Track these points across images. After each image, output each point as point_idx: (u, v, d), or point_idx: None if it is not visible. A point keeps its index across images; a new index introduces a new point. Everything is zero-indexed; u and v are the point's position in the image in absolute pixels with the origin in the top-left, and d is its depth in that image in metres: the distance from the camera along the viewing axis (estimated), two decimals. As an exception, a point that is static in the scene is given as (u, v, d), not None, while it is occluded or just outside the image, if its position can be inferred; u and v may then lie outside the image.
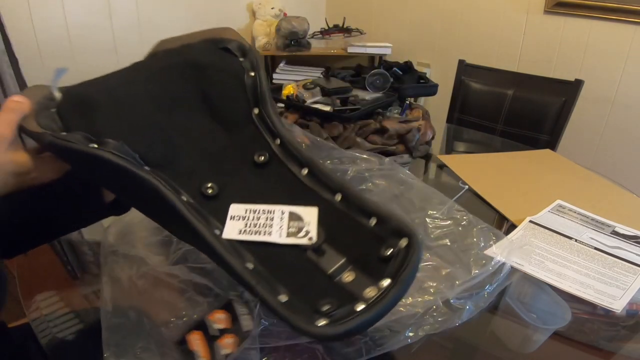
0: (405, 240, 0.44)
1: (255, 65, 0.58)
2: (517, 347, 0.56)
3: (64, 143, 0.43)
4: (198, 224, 0.44)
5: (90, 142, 0.44)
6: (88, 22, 1.81)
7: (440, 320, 0.53)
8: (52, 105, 0.49)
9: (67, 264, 0.73)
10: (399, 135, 1.00)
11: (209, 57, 0.58)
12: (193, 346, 0.46)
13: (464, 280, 0.58)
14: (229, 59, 0.59)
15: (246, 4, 2.30)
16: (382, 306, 0.40)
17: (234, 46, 0.59)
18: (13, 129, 0.44)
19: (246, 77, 0.57)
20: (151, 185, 0.43)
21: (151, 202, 0.47)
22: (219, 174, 0.53)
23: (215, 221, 0.49)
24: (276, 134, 0.55)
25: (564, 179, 0.97)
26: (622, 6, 1.54)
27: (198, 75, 0.56)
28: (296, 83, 1.08)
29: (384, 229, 0.46)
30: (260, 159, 0.54)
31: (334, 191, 0.51)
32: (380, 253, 0.44)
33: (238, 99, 0.56)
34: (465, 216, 0.70)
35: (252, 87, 0.57)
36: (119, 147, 0.44)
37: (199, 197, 0.50)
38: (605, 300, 0.59)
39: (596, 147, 1.77)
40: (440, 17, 2.11)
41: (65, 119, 0.48)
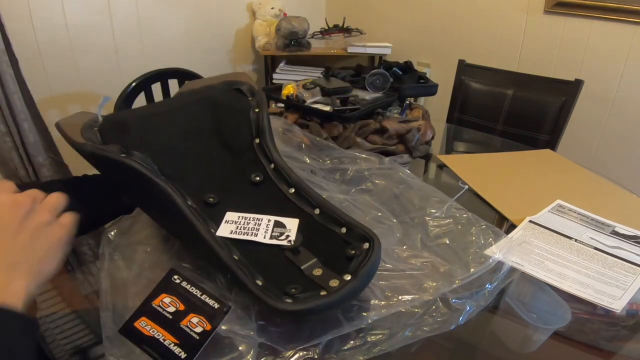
0: (367, 244, 0.54)
1: (260, 104, 0.72)
2: (517, 347, 0.56)
3: (101, 152, 0.56)
4: (197, 222, 0.54)
5: (121, 153, 0.56)
6: (88, 22, 1.80)
7: (439, 320, 0.53)
8: (95, 125, 0.64)
9: (67, 263, 0.73)
10: (399, 135, 1.00)
11: (224, 97, 0.73)
12: (146, 332, 0.47)
13: (462, 278, 0.58)
14: (240, 98, 0.74)
15: (246, 4, 2.30)
16: (341, 294, 0.49)
17: (246, 88, 0.75)
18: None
19: (251, 113, 0.71)
20: (164, 190, 0.54)
21: (161, 204, 0.57)
22: (221, 188, 0.64)
23: (212, 223, 0.59)
24: (272, 159, 0.67)
25: (564, 179, 0.97)
26: (622, 6, 1.54)
27: (213, 111, 0.70)
28: (296, 83, 1.08)
29: (351, 236, 0.57)
30: (256, 179, 0.66)
31: (314, 206, 0.62)
32: (346, 253, 0.55)
33: (243, 131, 0.69)
34: (465, 214, 0.70)
35: (255, 121, 0.70)
36: (143, 158, 0.57)
37: (201, 204, 0.61)
38: (605, 300, 0.59)
39: (596, 147, 1.77)
40: (440, 17, 2.11)
41: (104, 136, 0.62)
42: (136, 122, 0.65)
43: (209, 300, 0.51)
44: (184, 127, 0.67)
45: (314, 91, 1.02)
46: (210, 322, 0.49)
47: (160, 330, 0.48)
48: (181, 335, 0.47)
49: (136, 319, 0.49)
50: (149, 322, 0.48)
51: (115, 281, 0.58)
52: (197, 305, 0.50)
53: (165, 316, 0.49)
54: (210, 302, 0.51)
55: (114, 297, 0.55)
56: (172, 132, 0.66)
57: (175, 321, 0.48)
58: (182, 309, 0.50)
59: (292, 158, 0.82)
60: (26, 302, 0.38)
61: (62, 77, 1.81)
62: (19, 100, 1.48)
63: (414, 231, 0.68)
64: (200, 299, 0.51)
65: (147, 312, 0.49)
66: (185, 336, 0.47)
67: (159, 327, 0.48)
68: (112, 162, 0.56)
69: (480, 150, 1.23)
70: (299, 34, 2.11)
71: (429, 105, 1.98)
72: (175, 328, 0.48)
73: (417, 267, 0.60)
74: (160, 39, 2.04)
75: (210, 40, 2.25)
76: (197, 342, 0.47)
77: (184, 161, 0.64)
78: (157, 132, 0.65)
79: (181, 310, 0.50)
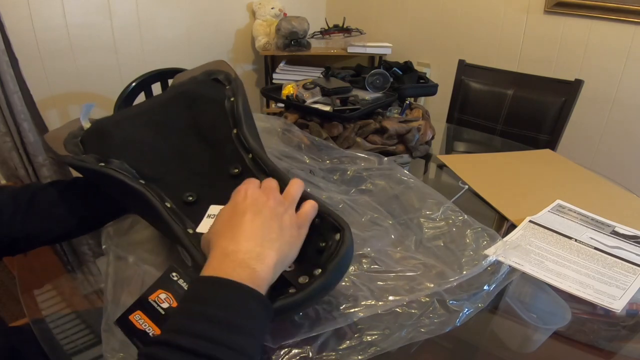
0: (338, 235, 0.50)
1: (235, 92, 0.69)
2: (517, 347, 0.56)
3: (80, 163, 0.58)
4: (173, 224, 0.55)
5: (99, 162, 0.58)
6: (88, 22, 1.80)
7: (437, 322, 0.53)
8: (79, 135, 0.65)
9: (67, 263, 0.73)
10: (398, 135, 1.00)
11: (200, 89, 0.71)
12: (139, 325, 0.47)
13: (455, 278, 0.58)
14: (217, 88, 0.71)
15: (246, 4, 2.30)
16: (310, 291, 0.46)
17: (222, 77, 0.73)
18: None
19: (227, 102, 0.68)
20: (142, 194, 0.56)
21: (142, 206, 0.59)
22: (200, 185, 0.63)
23: (190, 222, 0.58)
24: (249, 149, 0.64)
25: (564, 179, 0.97)
26: (622, 6, 1.54)
27: (189, 105, 0.68)
28: (296, 83, 1.08)
29: (323, 226, 0.53)
30: (234, 172, 0.63)
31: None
32: (318, 246, 0.51)
33: (221, 122, 0.67)
34: (461, 217, 0.70)
35: (231, 110, 0.67)
36: (119, 165, 0.58)
37: (180, 204, 0.60)
38: (605, 300, 0.59)
39: (596, 147, 1.77)
40: (440, 17, 2.11)
41: (86, 145, 0.63)
42: (116, 127, 0.64)
43: None
44: (162, 126, 0.66)
45: (314, 91, 1.02)
46: None
47: (151, 325, 0.47)
48: None
49: (132, 312, 0.48)
50: (143, 316, 0.48)
51: (117, 277, 0.58)
52: None
53: (159, 311, 0.49)
54: None
55: (117, 292, 0.55)
56: (150, 133, 0.65)
57: (167, 317, 0.48)
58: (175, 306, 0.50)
59: (292, 158, 0.82)
60: (270, 281, 0.42)
61: (62, 77, 1.81)
62: (19, 100, 1.48)
63: (409, 232, 0.68)
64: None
65: (143, 306, 0.49)
66: None
67: (150, 322, 0.48)
68: (92, 172, 0.58)
69: (480, 150, 1.23)
70: (299, 34, 2.11)
71: (429, 105, 1.98)
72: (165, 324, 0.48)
73: (412, 268, 0.60)
74: (160, 38, 2.04)
75: (210, 40, 2.25)
76: None
77: (163, 161, 0.63)
78: (136, 135, 0.64)
79: (174, 307, 0.49)
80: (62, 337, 0.56)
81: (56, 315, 0.60)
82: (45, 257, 0.72)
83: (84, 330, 0.58)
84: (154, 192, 0.57)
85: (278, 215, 0.46)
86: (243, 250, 0.42)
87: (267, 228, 0.44)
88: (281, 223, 0.46)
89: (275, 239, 0.44)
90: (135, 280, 0.58)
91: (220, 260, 0.42)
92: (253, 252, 0.42)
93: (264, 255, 0.42)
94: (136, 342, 0.46)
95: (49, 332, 0.56)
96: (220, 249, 0.43)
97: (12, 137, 1.51)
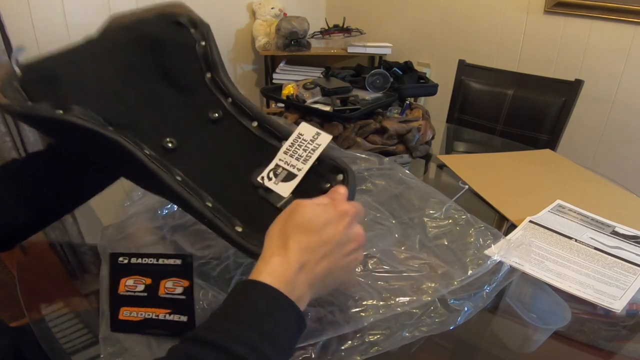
0: (341, 176, 0.52)
1: (205, 36, 0.64)
2: (517, 347, 0.56)
3: (32, 111, 0.48)
4: (161, 172, 0.50)
5: (56, 110, 0.48)
6: (88, 22, 1.80)
7: (437, 321, 0.53)
8: (14, 78, 0.53)
9: (67, 264, 0.73)
10: (399, 135, 1.00)
11: (163, 32, 0.64)
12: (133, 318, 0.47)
13: (460, 279, 0.58)
14: (181, 31, 0.65)
15: (246, 4, 2.30)
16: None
17: (185, 20, 0.66)
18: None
19: (197, 47, 0.63)
20: (116, 142, 0.48)
21: (119, 158, 0.52)
22: (178, 130, 0.58)
23: (177, 170, 0.54)
24: (228, 94, 0.61)
25: (564, 179, 0.97)
26: (622, 6, 1.54)
27: (154, 49, 0.62)
28: (296, 83, 1.08)
29: (323, 168, 0.53)
30: (214, 116, 0.60)
31: (279, 139, 0.58)
32: (321, 186, 0.52)
33: (191, 66, 0.62)
34: (464, 215, 0.70)
35: (203, 55, 0.63)
36: (82, 111, 0.49)
37: (160, 151, 0.55)
38: (605, 300, 0.58)
39: (596, 147, 1.77)
40: (440, 17, 2.11)
41: (29, 91, 0.51)
42: (65, 70, 0.55)
43: (169, 261, 0.48)
44: (124, 70, 0.59)
45: (314, 91, 1.02)
46: (184, 277, 0.47)
47: (147, 310, 0.46)
48: (168, 304, 0.46)
49: (117, 312, 0.47)
50: (130, 309, 0.47)
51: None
52: (160, 271, 0.48)
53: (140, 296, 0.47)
54: (171, 262, 0.48)
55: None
56: (111, 77, 0.58)
57: (153, 295, 0.47)
58: (150, 282, 0.48)
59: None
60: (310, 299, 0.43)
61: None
62: (19, 100, 1.48)
63: (412, 232, 0.68)
64: (158, 264, 0.48)
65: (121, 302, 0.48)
66: (171, 302, 0.46)
67: (143, 309, 0.47)
68: (48, 121, 0.49)
69: (480, 150, 1.23)
70: (299, 34, 2.11)
71: (429, 105, 1.98)
72: (157, 301, 0.46)
73: (415, 268, 0.60)
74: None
75: (210, 40, 2.25)
76: (186, 302, 0.46)
77: (131, 106, 0.57)
78: (94, 79, 0.56)
79: (149, 283, 0.47)
80: (61, 337, 0.56)
81: (56, 315, 0.60)
82: (45, 257, 0.72)
83: (83, 330, 0.57)
84: (128, 139, 0.50)
85: (348, 265, 0.46)
86: (300, 283, 0.41)
87: (330, 277, 0.44)
88: (341, 269, 0.45)
89: (332, 285, 0.46)
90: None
91: (276, 276, 0.40)
92: (306, 297, 0.42)
93: (313, 295, 0.43)
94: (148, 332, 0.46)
95: (49, 332, 0.56)
96: (278, 264, 0.41)
97: (12, 137, 1.51)
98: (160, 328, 0.45)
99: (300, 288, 0.40)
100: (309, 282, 0.42)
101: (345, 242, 0.44)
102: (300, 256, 0.41)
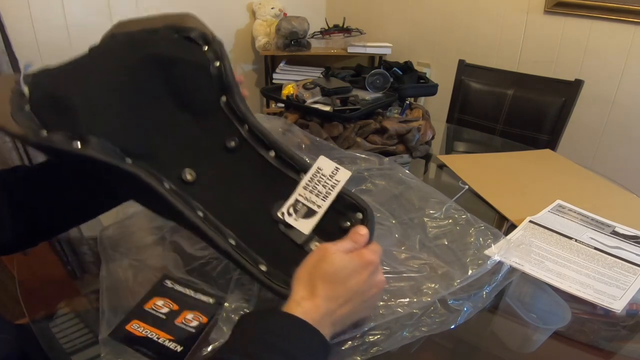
0: (360, 214, 0.52)
1: (219, 55, 0.60)
2: (517, 347, 0.56)
3: (49, 143, 0.46)
4: (183, 209, 0.48)
5: (73, 141, 0.46)
6: (88, 22, 1.80)
7: (437, 321, 0.53)
8: (24, 101, 0.49)
9: (67, 264, 0.73)
10: (399, 135, 1.00)
11: (174, 50, 0.59)
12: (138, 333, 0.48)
13: (460, 280, 0.58)
14: (193, 48, 0.60)
15: (246, 4, 2.30)
16: None
17: (197, 35, 0.61)
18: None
19: (211, 67, 0.59)
20: (136, 176, 0.47)
21: (139, 191, 0.52)
22: (195, 160, 0.56)
23: (197, 203, 0.53)
24: (244, 120, 0.58)
25: (564, 179, 0.97)
26: (622, 6, 1.54)
27: (165, 70, 0.58)
28: (296, 83, 1.08)
29: (341, 205, 0.53)
30: (231, 144, 0.58)
31: (297, 170, 0.57)
32: (340, 224, 0.52)
33: (205, 89, 0.59)
34: (464, 215, 0.70)
35: (217, 76, 0.59)
36: (100, 143, 0.47)
37: (179, 183, 0.54)
38: (605, 300, 0.58)
39: (596, 147, 1.77)
40: (440, 17, 2.11)
41: (42, 117, 0.49)
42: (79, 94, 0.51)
43: (203, 297, 0.51)
44: (134, 93, 0.55)
45: (314, 91, 1.02)
46: (206, 315, 0.49)
47: (153, 330, 0.48)
48: (176, 332, 0.47)
49: (127, 322, 0.49)
50: (141, 324, 0.48)
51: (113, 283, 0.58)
52: (191, 303, 0.50)
53: (159, 317, 0.49)
54: (204, 299, 0.51)
55: (112, 298, 0.55)
56: (122, 101, 0.54)
57: (170, 320, 0.49)
58: (176, 309, 0.50)
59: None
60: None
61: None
62: (19, 100, 1.48)
63: (412, 232, 0.68)
64: (194, 297, 0.51)
65: (139, 315, 0.49)
66: (180, 332, 0.47)
67: (152, 328, 0.48)
68: (65, 153, 0.47)
69: (480, 150, 1.23)
70: (299, 34, 2.11)
71: (429, 105, 1.98)
72: (170, 326, 0.48)
73: (416, 269, 0.60)
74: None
75: (210, 40, 2.25)
76: (192, 335, 0.47)
77: (148, 134, 0.54)
78: (107, 104, 0.53)
79: (175, 310, 0.50)
80: (61, 337, 0.56)
81: (56, 315, 0.60)
82: (45, 257, 0.72)
83: (83, 330, 0.57)
84: (147, 172, 0.48)
85: (367, 307, 0.50)
86: (325, 325, 0.45)
87: (349, 318, 0.48)
88: (360, 312, 0.49)
89: (350, 322, 0.49)
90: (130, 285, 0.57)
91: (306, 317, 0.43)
92: (327, 335, 0.45)
93: (335, 332, 0.47)
94: (139, 349, 0.46)
95: (49, 332, 0.56)
96: (309, 307, 0.44)
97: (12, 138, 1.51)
98: (151, 350, 0.46)
99: (324, 329, 0.44)
100: (332, 323, 0.46)
101: (367, 290, 0.48)
102: (327, 303, 0.45)
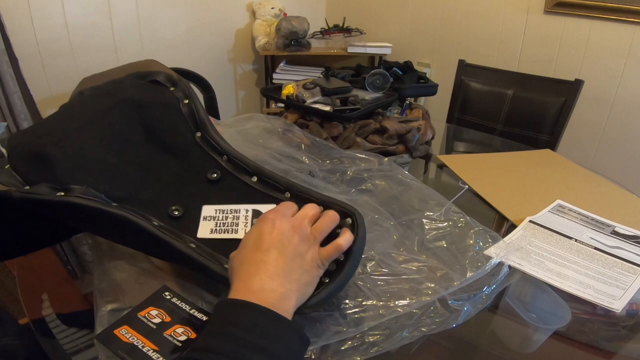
0: (349, 219, 0.52)
1: (187, 94, 0.64)
2: (517, 347, 0.56)
3: (34, 196, 0.48)
4: (176, 243, 0.50)
5: (57, 192, 0.49)
6: (88, 22, 1.81)
7: (437, 321, 0.53)
8: (4, 162, 0.53)
9: (67, 264, 0.73)
10: (399, 135, 1.00)
11: (143, 94, 0.63)
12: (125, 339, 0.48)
13: (459, 282, 0.58)
14: (161, 90, 0.64)
15: (246, 4, 2.30)
16: (342, 277, 0.48)
17: (162, 78, 0.65)
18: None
19: (182, 106, 0.63)
20: (124, 218, 0.49)
21: (127, 233, 0.52)
22: (181, 196, 0.58)
23: (186, 236, 0.54)
24: (222, 151, 0.61)
25: (564, 179, 0.97)
26: (622, 6, 1.54)
27: (137, 112, 0.61)
28: (296, 83, 1.08)
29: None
30: (213, 177, 0.60)
31: (282, 190, 0.58)
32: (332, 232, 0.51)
33: (179, 127, 0.62)
34: (462, 218, 0.70)
35: (189, 114, 0.63)
36: (84, 191, 0.50)
37: (168, 220, 0.56)
38: (605, 300, 0.59)
39: (596, 147, 1.77)
40: (440, 17, 2.11)
41: (22, 173, 0.52)
42: (57, 148, 0.53)
43: (197, 314, 0.50)
44: (113, 139, 0.58)
45: (314, 91, 1.02)
46: (196, 332, 0.48)
47: (140, 338, 0.47)
48: (163, 344, 0.47)
49: (117, 327, 0.48)
50: (130, 330, 0.48)
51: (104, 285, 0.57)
52: (184, 318, 0.50)
53: (149, 326, 0.49)
54: (198, 316, 0.50)
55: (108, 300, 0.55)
56: (101, 148, 0.57)
57: (159, 331, 0.48)
58: (168, 321, 0.49)
59: (292, 158, 0.82)
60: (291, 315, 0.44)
61: (62, 77, 1.81)
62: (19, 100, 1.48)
63: (411, 233, 0.68)
64: (188, 312, 0.51)
65: (130, 322, 0.49)
66: (166, 344, 0.47)
67: (140, 336, 0.47)
68: (51, 204, 0.48)
69: (480, 150, 1.23)
70: (299, 34, 2.11)
71: (429, 105, 1.98)
72: (157, 337, 0.47)
73: (414, 271, 0.60)
74: (160, 38, 2.04)
75: (210, 40, 2.25)
76: (178, 348, 0.46)
77: (130, 178, 0.57)
78: (84, 153, 0.55)
79: (167, 321, 0.49)
80: (62, 337, 0.56)
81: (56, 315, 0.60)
82: (45, 257, 0.72)
83: (84, 330, 0.57)
84: (135, 213, 0.50)
85: (301, 254, 0.47)
86: (267, 289, 0.43)
87: (289, 268, 0.45)
88: (303, 263, 0.46)
89: (296, 280, 0.45)
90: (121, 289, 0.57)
91: (244, 296, 0.42)
92: (276, 292, 0.43)
93: (286, 296, 0.43)
94: (121, 355, 0.46)
95: (49, 332, 0.56)
96: (243, 282, 0.43)
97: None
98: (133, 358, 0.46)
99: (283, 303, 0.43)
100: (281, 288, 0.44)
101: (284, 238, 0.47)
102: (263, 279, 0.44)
